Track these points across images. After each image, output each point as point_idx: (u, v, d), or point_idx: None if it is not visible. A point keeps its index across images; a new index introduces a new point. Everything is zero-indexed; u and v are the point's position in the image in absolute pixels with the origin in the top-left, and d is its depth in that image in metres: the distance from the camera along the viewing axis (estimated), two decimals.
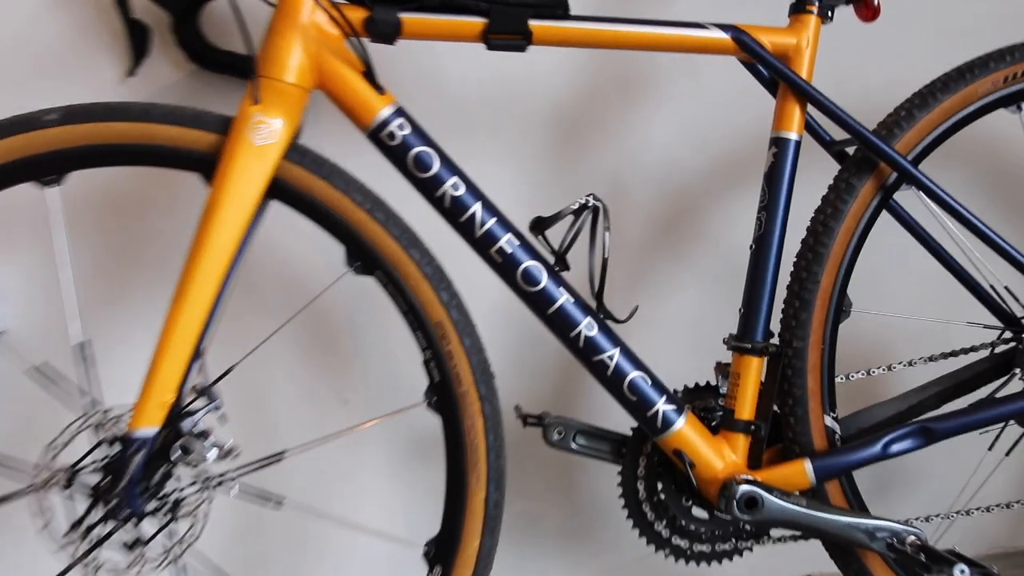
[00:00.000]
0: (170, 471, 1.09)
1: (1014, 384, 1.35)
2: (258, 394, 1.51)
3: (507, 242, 1.15)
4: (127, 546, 1.07)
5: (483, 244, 1.15)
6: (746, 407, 1.24)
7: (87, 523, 1.06)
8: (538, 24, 1.16)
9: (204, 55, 1.38)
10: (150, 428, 1.05)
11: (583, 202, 1.19)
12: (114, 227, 1.41)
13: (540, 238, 1.20)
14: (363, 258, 1.15)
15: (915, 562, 1.20)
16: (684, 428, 1.21)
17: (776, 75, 1.24)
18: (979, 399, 1.31)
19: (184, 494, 1.10)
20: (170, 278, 1.07)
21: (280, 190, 1.11)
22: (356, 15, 1.12)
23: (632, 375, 1.19)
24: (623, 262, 1.61)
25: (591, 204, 1.20)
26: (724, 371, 1.28)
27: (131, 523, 1.06)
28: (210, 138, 1.08)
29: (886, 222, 1.30)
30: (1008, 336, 1.38)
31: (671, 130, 1.63)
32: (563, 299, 1.16)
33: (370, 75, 1.11)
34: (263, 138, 1.07)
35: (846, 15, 1.28)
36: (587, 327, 1.17)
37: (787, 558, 1.50)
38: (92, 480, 1.06)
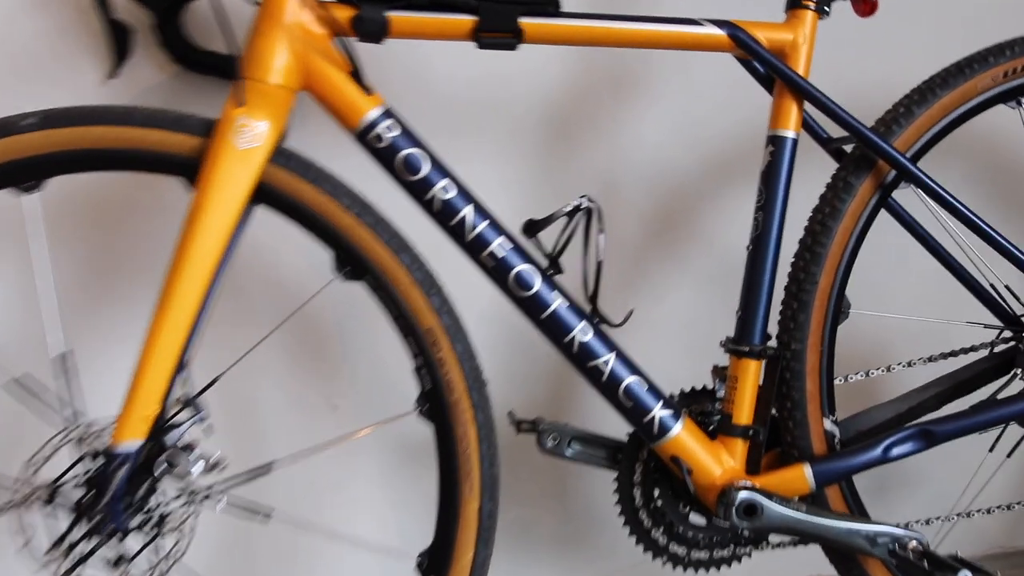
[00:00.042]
0: (155, 485, 1.06)
1: (1015, 384, 1.33)
2: (245, 403, 1.48)
3: (499, 246, 1.12)
4: (111, 563, 1.04)
5: (474, 248, 1.12)
6: (744, 411, 1.22)
7: (70, 540, 1.03)
8: (529, 22, 1.13)
9: (188, 56, 1.35)
10: (134, 442, 1.02)
11: (576, 204, 1.17)
12: (95, 233, 1.38)
13: (533, 241, 1.17)
14: (351, 263, 1.12)
15: (917, 568, 1.18)
16: (681, 434, 1.19)
17: (773, 72, 1.21)
18: (980, 401, 1.29)
19: (169, 508, 1.07)
20: (153, 286, 1.04)
21: (266, 194, 1.08)
22: (343, 14, 1.09)
23: (627, 380, 1.16)
24: (616, 262, 1.58)
25: (585, 206, 1.17)
26: (721, 374, 1.26)
27: (115, 539, 1.03)
28: (193, 142, 1.06)
29: (882, 221, 1.28)
30: (1008, 335, 1.36)
31: (663, 128, 1.60)
32: (557, 304, 1.14)
33: (357, 75, 1.09)
34: (248, 141, 1.04)
35: (843, 10, 1.26)
36: (581, 332, 1.15)
37: (786, 562, 1.48)
38: (74, 495, 1.03)
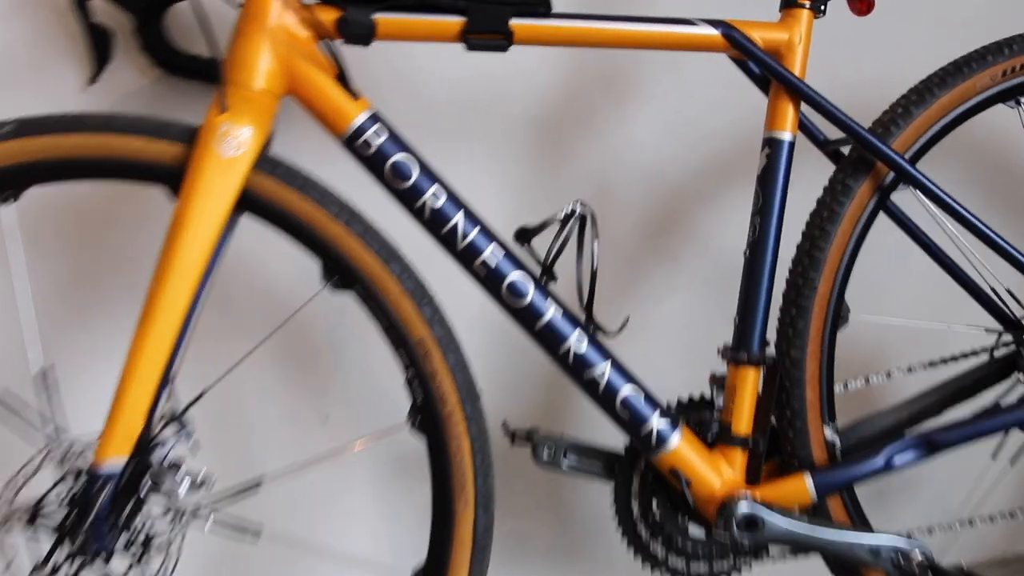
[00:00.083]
0: (140, 505, 1.02)
1: (1017, 388, 1.31)
2: (234, 416, 1.44)
3: (491, 254, 1.09)
4: None
5: (466, 256, 1.09)
6: (743, 421, 1.19)
7: (53, 562, 0.99)
8: (520, 23, 1.10)
9: (170, 60, 1.31)
10: (117, 460, 0.99)
11: (570, 210, 1.15)
12: (75, 244, 1.34)
13: (526, 248, 1.15)
14: (340, 273, 1.09)
15: None
16: (680, 445, 1.16)
17: (768, 73, 1.19)
18: (983, 408, 1.27)
19: (155, 528, 1.04)
20: (137, 298, 1.01)
21: (251, 203, 1.05)
22: (328, 16, 1.06)
23: (624, 391, 1.14)
24: (609, 266, 1.55)
25: (579, 212, 1.15)
26: (719, 383, 1.23)
27: (99, 560, 1.00)
28: (175, 149, 1.03)
29: (879, 223, 1.25)
30: (1008, 339, 1.34)
31: (656, 130, 1.57)
32: (551, 313, 1.11)
33: (344, 79, 1.06)
34: (231, 149, 1.01)
35: (839, 8, 1.23)
36: (577, 342, 1.12)
37: (787, 574, 1.45)
38: (57, 516, 1.00)
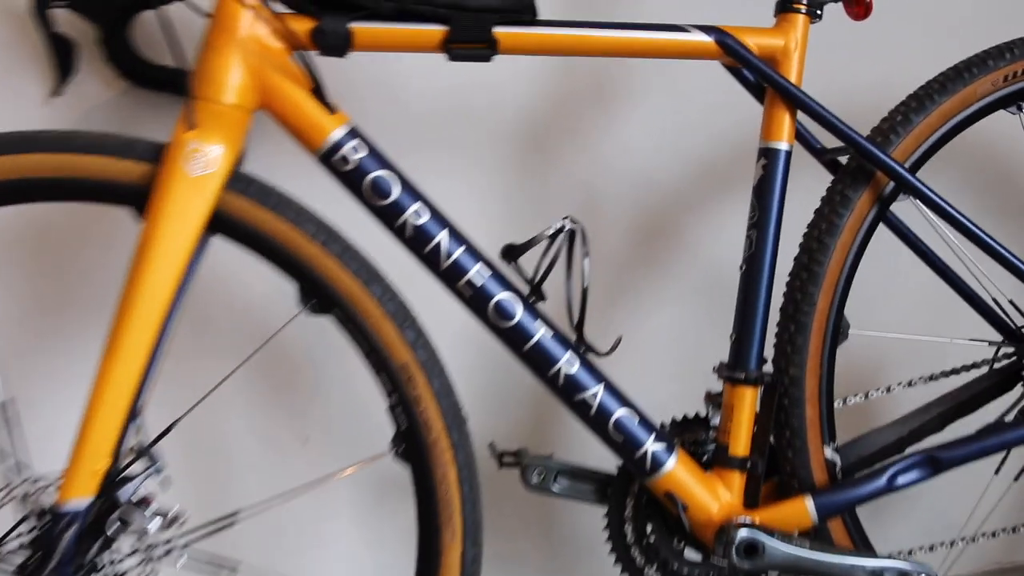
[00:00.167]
0: (108, 544, 0.97)
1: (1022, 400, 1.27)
2: (208, 441, 1.38)
3: (477, 273, 1.04)
4: None
5: (451, 276, 1.04)
6: (741, 441, 1.15)
7: None
8: (504, 31, 1.05)
9: (137, 71, 1.25)
10: (82, 499, 0.93)
11: (559, 226, 1.10)
12: (36, 268, 1.28)
13: (513, 266, 1.10)
14: (318, 296, 1.03)
15: None
16: (675, 469, 1.11)
17: (764, 80, 1.14)
18: (986, 424, 1.23)
19: (124, 567, 0.98)
20: (102, 325, 0.96)
21: (222, 224, 1.00)
22: (302, 26, 1.00)
23: (617, 413, 1.09)
24: (599, 280, 1.50)
25: (567, 228, 1.10)
26: (715, 402, 1.18)
27: None
28: (141, 168, 0.97)
29: (878, 233, 1.21)
30: (1009, 351, 1.30)
31: (647, 139, 1.52)
32: (540, 334, 1.06)
33: (319, 92, 1.01)
34: (200, 167, 0.96)
35: (836, 13, 1.19)
36: (567, 363, 1.07)
37: None
38: (18, 558, 0.95)
